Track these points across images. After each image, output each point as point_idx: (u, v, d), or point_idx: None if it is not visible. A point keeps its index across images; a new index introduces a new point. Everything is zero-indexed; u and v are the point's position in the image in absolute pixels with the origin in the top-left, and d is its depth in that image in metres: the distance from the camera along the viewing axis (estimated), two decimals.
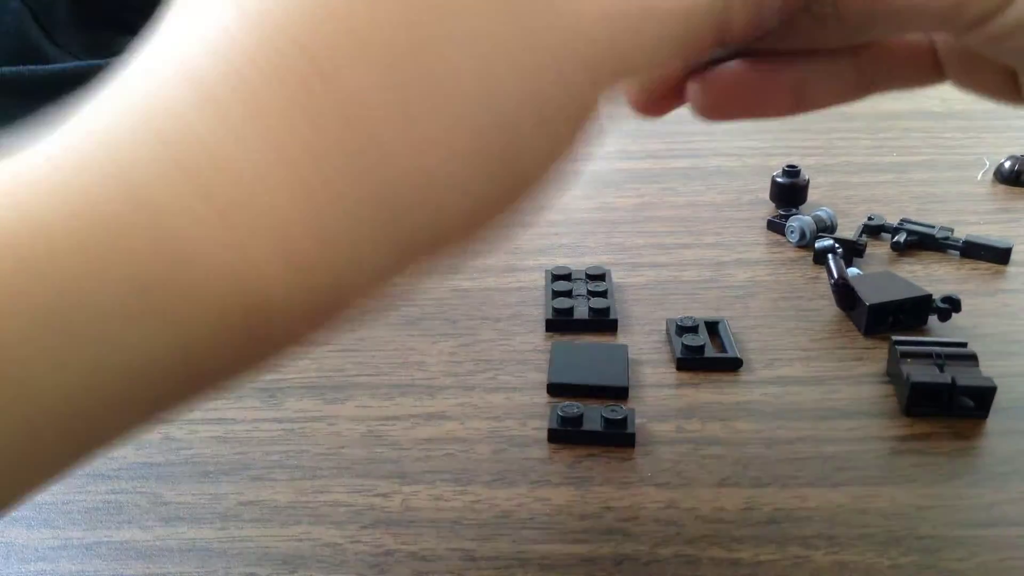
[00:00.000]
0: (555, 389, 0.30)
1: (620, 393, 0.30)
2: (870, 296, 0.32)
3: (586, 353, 0.31)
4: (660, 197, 0.43)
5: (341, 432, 0.29)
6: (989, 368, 0.29)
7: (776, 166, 0.43)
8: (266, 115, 0.15)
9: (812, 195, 0.42)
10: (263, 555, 0.24)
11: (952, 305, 0.32)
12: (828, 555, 0.24)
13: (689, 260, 0.38)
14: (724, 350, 0.31)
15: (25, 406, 0.14)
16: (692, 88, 0.23)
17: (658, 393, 0.30)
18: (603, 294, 0.35)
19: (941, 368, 0.29)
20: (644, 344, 0.32)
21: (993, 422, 0.28)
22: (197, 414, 0.29)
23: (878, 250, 0.38)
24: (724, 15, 0.19)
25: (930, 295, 0.33)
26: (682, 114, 0.50)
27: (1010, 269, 0.37)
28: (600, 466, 0.27)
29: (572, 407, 0.28)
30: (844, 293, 0.33)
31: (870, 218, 0.39)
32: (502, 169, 0.17)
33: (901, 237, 0.38)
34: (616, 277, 0.36)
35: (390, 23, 0.16)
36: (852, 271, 0.35)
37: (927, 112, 0.53)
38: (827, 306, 0.34)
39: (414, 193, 0.16)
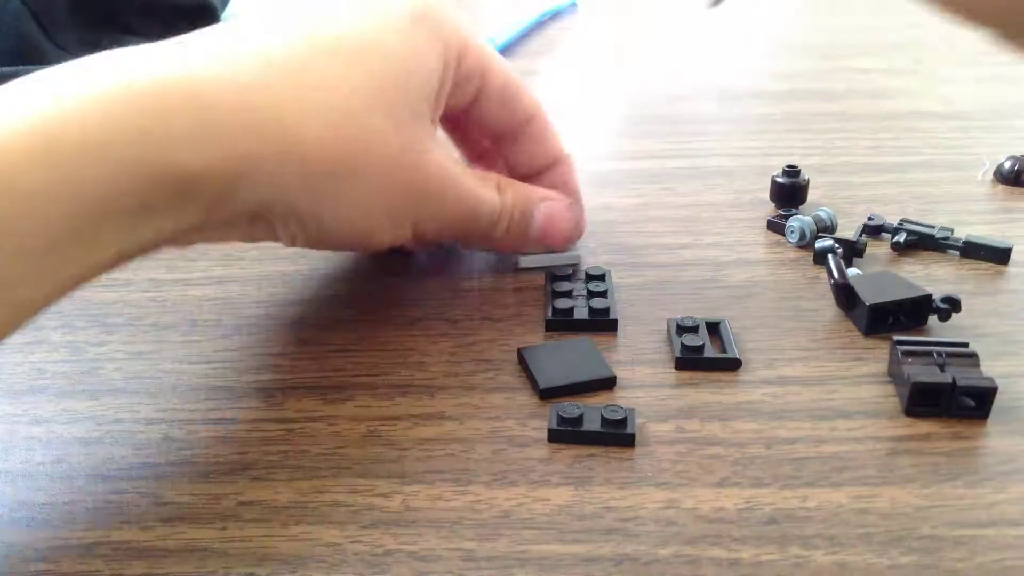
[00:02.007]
0: (547, 393, 0.30)
1: (610, 383, 0.30)
2: (870, 296, 0.32)
3: (558, 353, 0.31)
4: (660, 197, 0.43)
5: (341, 432, 0.29)
6: (990, 368, 0.29)
7: (776, 166, 0.43)
8: None
9: (812, 195, 0.42)
10: (263, 555, 0.24)
11: (952, 305, 0.32)
12: (828, 555, 0.24)
13: (689, 260, 0.38)
14: (724, 350, 0.31)
15: None
16: None
17: (658, 393, 0.30)
18: (603, 294, 0.35)
19: (942, 368, 0.29)
20: (644, 344, 0.32)
21: (994, 422, 0.28)
22: (197, 414, 0.29)
23: (878, 250, 0.38)
24: (492, 228, 0.34)
25: (930, 295, 0.33)
26: (682, 114, 0.50)
27: (1010, 269, 0.37)
28: (600, 466, 0.27)
29: (572, 407, 0.28)
30: (844, 293, 0.33)
31: (870, 218, 0.39)
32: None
33: (901, 237, 0.38)
34: (616, 277, 0.36)
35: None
36: (852, 271, 0.35)
37: (927, 112, 0.53)
38: (827, 306, 0.34)
39: None
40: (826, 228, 0.39)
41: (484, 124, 0.35)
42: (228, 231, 0.30)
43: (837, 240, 0.37)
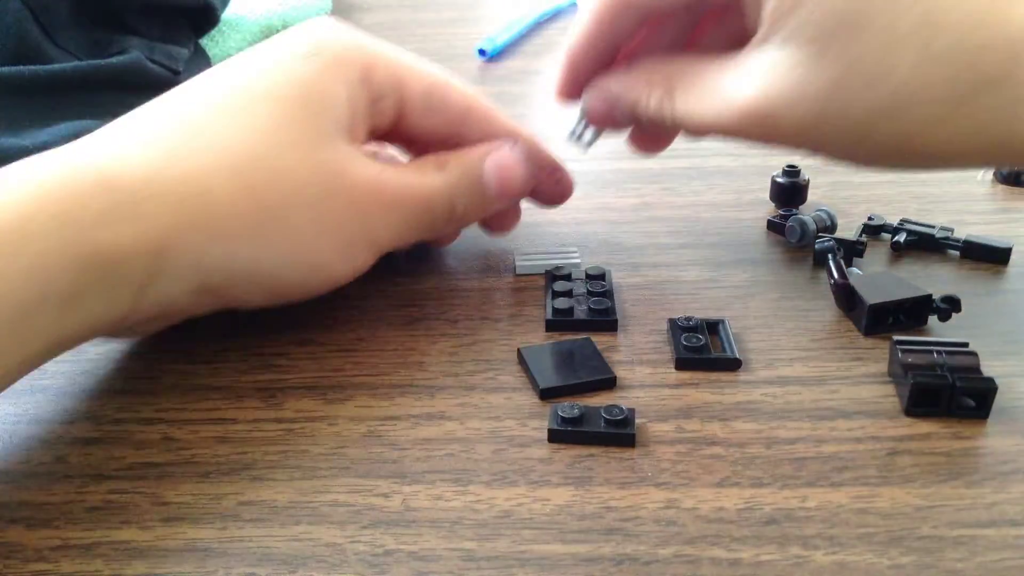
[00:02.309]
0: (547, 393, 0.30)
1: (610, 384, 0.30)
2: (870, 296, 0.32)
3: (558, 353, 0.31)
4: (660, 197, 0.43)
5: (341, 432, 0.29)
6: (989, 368, 0.29)
7: (776, 166, 0.43)
8: None
9: (812, 195, 0.42)
10: (263, 555, 0.24)
11: (952, 305, 0.32)
12: (828, 555, 0.24)
13: (689, 260, 0.38)
14: (724, 350, 0.31)
15: None
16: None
17: (658, 393, 0.30)
18: (603, 294, 0.35)
19: (942, 368, 0.29)
20: (644, 344, 0.32)
21: (994, 422, 0.28)
22: (198, 414, 0.29)
23: (878, 250, 0.38)
24: (451, 208, 0.33)
25: (930, 295, 0.33)
26: None
27: (1010, 269, 0.37)
28: (600, 466, 0.27)
29: (572, 407, 0.28)
30: (844, 293, 0.33)
31: (870, 218, 0.39)
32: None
33: (901, 237, 0.38)
34: (616, 277, 0.36)
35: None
36: (852, 271, 0.35)
37: None
38: (827, 306, 0.34)
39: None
40: (826, 228, 0.39)
41: (422, 133, 0.34)
42: (178, 310, 0.30)
43: (837, 240, 0.37)
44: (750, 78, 0.29)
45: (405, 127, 0.34)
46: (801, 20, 0.27)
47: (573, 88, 0.35)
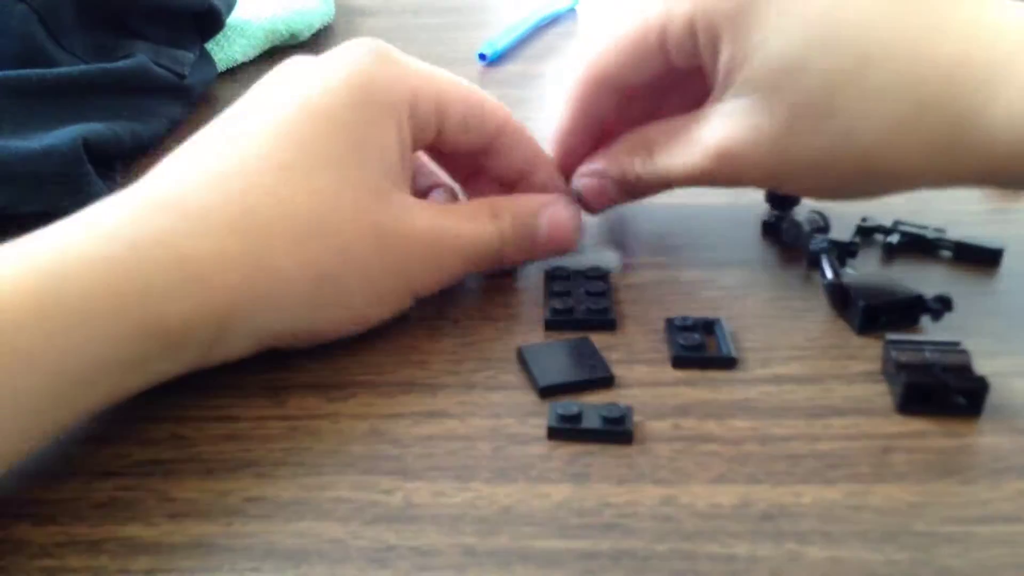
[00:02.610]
0: (547, 392, 0.30)
1: (608, 382, 0.30)
2: (863, 296, 0.33)
3: (558, 352, 0.32)
4: (658, 198, 0.44)
5: (344, 430, 0.29)
6: (981, 367, 0.30)
7: None
8: None
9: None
10: (267, 551, 0.25)
11: (944, 304, 0.33)
12: (823, 551, 0.24)
13: (686, 260, 0.38)
14: (720, 349, 0.32)
15: None
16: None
17: (655, 391, 0.30)
18: (602, 294, 0.35)
19: (934, 367, 0.29)
20: (642, 343, 0.33)
21: (986, 420, 0.29)
22: (204, 412, 0.30)
23: (871, 251, 0.39)
24: (500, 255, 0.34)
25: (922, 295, 0.33)
26: None
27: (1001, 270, 0.37)
28: (598, 463, 0.27)
29: (571, 406, 0.29)
30: (838, 293, 0.34)
31: (864, 219, 0.40)
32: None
33: (894, 238, 0.38)
34: (614, 277, 0.37)
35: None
36: (846, 271, 0.35)
37: None
38: (821, 306, 0.35)
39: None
40: (820, 229, 0.39)
41: (456, 148, 0.35)
42: (232, 358, 0.30)
43: (831, 241, 0.37)
44: (715, 125, 0.33)
45: (439, 144, 0.35)
46: (747, 74, 0.31)
47: (565, 169, 0.38)
